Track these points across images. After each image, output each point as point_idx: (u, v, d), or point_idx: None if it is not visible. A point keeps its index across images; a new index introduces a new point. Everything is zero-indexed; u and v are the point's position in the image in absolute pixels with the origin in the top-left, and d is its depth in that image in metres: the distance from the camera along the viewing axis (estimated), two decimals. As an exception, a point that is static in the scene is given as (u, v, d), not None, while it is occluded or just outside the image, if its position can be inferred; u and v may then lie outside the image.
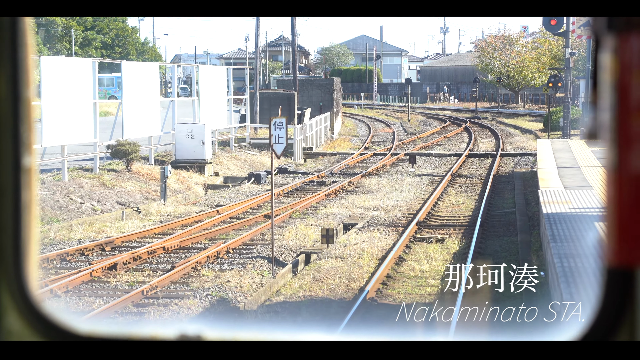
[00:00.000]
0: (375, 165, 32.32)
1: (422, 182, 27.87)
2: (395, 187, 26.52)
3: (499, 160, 34.86)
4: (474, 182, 28.45)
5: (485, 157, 36.60)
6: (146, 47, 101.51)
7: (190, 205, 22.69)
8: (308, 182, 27.62)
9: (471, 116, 71.56)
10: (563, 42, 75.70)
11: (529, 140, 44.51)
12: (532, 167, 31.95)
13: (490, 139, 48.13)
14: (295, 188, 26.26)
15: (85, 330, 2.05)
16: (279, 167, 30.56)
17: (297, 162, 35.22)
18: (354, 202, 22.98)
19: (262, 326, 11.93)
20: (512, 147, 41.54)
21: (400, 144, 43.79)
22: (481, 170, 31.89)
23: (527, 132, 51.46)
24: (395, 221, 20.42)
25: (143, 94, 26.57)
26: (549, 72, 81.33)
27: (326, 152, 38.09)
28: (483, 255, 16.59)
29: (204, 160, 27.68)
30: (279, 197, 24.29)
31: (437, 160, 35.41)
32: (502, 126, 59.96)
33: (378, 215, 21.22)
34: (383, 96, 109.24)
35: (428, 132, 53.24)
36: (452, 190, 26.38)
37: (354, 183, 27.41)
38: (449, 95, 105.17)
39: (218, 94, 31.90)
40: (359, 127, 60.13)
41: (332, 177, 29.31)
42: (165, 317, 12.34)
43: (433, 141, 45.22)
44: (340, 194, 25.18)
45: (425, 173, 30.78)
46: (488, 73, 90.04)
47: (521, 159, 35.53)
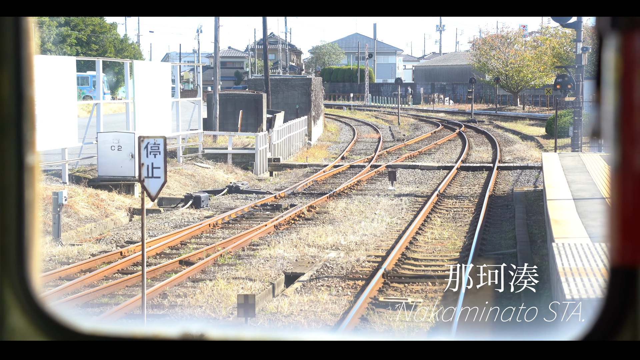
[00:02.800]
0: (349, 181, 27.09)
1: (401, 206, 22.65)
2: (366, 213, 21.29)
3: (496, 175, 29.65)
4: (465, 205, 23.25)
5: (480, 171, 31.37)
6: (125, 44, 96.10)
7: (92, 242, 17.44)
8: (260, 205, 22.38)
9: (466, 119, 66.40)
10: (566, 40, 70.60)
11: (530, 149, 39.28)
12: (535, 185, 26.74)
13: (487, 147, 42.93)
14: (241, 215, 21.02)
15: (88, 329, 2.04)
16: (230, 185, 25.32)
17: (260, 177, 30.00)
18: (307, 238, 17.75)
19: None
20: (511, 157, 36.34)
21: (384, 152, 38.55)
22: (474, 189, 26.68)
23: (528, 139, 46.24)
24: (355, 270, 15.21)
25: (56, 94, 21.29)
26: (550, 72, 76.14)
27: (295, 164, 32.84)
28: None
29: (133, 177, 22.45)
30: (213, 230, 19.04)
31: (423, 175, 30.19)
32: (500, 131, 54.73)
33: (335, 258, 16.01)
34: (375, 97, 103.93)
35: (418, 137, 48.01)
36: (437, 217, 21.16)
37: (316, 207, 22.17)
38: (444, 97, 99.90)
39: (160, 96, 26.60)
40: (342, 132, 54.88)
41: (292, 199, 24.09)
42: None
43: (422, 149, 39.99)
44: (294, 224, 19.96)
45: (406, 192, 25.55)
46: (485, 73, 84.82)
47: (522, 173, 30.33)
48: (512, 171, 31.11)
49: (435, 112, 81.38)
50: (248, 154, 30.45)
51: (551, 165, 21.67)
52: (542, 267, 14.08)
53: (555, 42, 71.56)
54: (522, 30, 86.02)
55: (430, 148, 41.43)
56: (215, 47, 33.01)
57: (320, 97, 51.32)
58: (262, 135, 30.71)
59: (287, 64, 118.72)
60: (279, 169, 32.13)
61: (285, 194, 24.77)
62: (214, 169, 28.57)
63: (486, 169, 31.43)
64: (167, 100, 27.51)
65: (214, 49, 33.55)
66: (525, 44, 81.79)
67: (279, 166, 32.26)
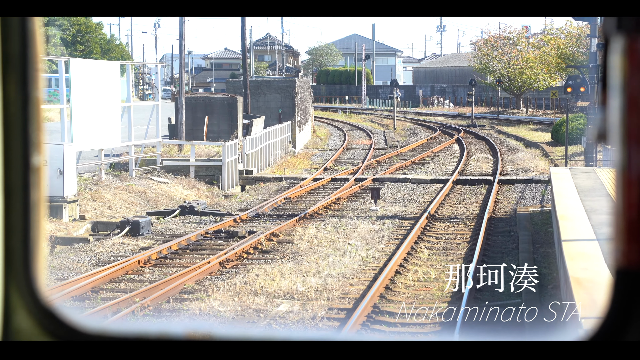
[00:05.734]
0: (326, 199, 23.35)
1: (382, 233, 18.91)
2: (338, 244, 17.55)
3: (496, 190, 25.93)
4: (459, 231, 19.52)
5: (479, 185, 27.64)
6: (112, 44, 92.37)
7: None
8: (213, 232, 18.64)
9: (466, 123, 62.68)
10: (571, 40, 66.75)
11: (535, 158, 35.51)
12: (542, 205, 23.01)
13: (487, 155, 39.19)
14: (185, 246, 17.28)
15: (94, 329, 2.04)
16: (183, 205, 21.58)
17: (227, 192, 26.27)
18: (256, 282, 14.01)
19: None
20: (513, 168, 32.57)
21: (373, 162, 34.78)
22: (471, 208, 22.94)
23: (532, 146, 42.47)
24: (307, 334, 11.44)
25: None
26: (554, 73, 72.29)
27: (271, 177, 29.08)
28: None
29: (62, 197, 18.78)
30: (143, 269, 15.28)
31: (414, 190, 26.46)
32: (502, 136, 50.98)
33: (285, 314, 12.29)
34: (373, 99, 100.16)
35: (412, 144, 44.26)
36: (425, 248, 17.43)
37: (279, 235, 18.44)
38: (444, 99, 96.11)
39: (107, 100, 22.83)
40: (332, 138, 51.12)
41: (254, 222, 20.37)
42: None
43: (415, 158, 36.23)
44: (247, 259, 16.20)
45: (391, 213, 21.80)
46: (487, 75, 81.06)
47: (526, 188, 26.60)
48: (515, 185, 27.39)
49: (434, 115, 77.68)
50: (214, 166, 26.71)
51: (562, 184, 17.92)
52: (555, 325, 10.42)
53: (561, 42, 67.78)
54: (525, 30, 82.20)
55: (425, 157, 37.68)
56: (180, 44, 29.31)
57: (308, 100, 47.56)
58: (230, 145, 26.94)
59: (283, 66, 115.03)
60: (251, 183, 28.41)
61: (248, 215, 21.05)
62: (172, 184, 24.84)
63: (486, 183, 27.71)
64: (117, 105, 23.73)
65: (179, 47, 29.85)
66: (529, 45, 78.00)
67: (251, 179, 28.54)
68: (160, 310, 12.44)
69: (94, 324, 2.05)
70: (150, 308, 12.41)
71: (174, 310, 12.48)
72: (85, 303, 12.86)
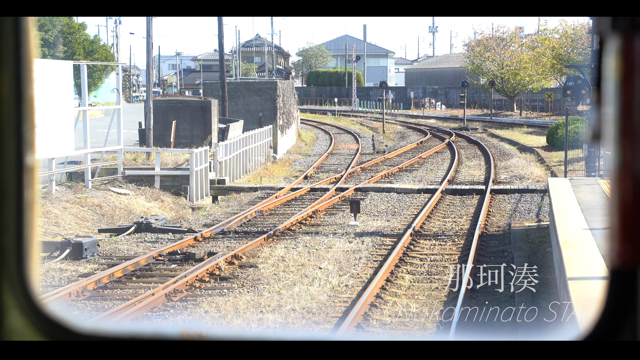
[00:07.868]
0: (302, 212, 21.17)
1: (359, 254, 16.75)
2: (307, 268, 15.36)
3: (489, 201, 23.79)
4: (447, 250, 17.36)
5: (470, 195, 25.50)
6: (96, 45, 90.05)
7: None
8: (167, 254, 16.45)
9: (458, 126, 60.61)
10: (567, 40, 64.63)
11: (530, 165, 33.35)
12: (538, 218, 20.87)
13: (479, 161, 37.07)
14: (132, 271, 15.07)
15: (87, 329, 2.02)
16: (139, 222, 19.37)
17: (196, 204, 24.06)
18: (203, 321, 11.85)
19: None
20: (507, 176, 30.43)
21: (357, 169, 32.61)
22: (461, 222, 20.79)
23: (527, 151, 40.34)
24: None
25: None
26: (549, 74, 70.19)
27: (245, 187, 26.88)
28: None
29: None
30: (75, 303, 13.08)
31: (399, 201, 24.30)
32: (495, 140, 48.88)
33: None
34: (364, 101, 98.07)
35: (401, 149, 42.11)
36: (406, 273, 15.26)
37: (243, 257, 16.24)
38: (436, 101, 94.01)
39: (57, 104, 20.60)
40: (318, 142, 48.95)
41: (217, 241, 18.19)
42: None
43: (403, 164, 34.08)
44: (198, 290, 14.00)
45: (372, 229, 19.63)
46: (479, 76, 79.00)
47: (521, 199, 24.46)
48: (509, 195, 25.26)
49: (426, 118, 75.59)
50: (182, 176, 24.51)
51: (563, 199, 15.77)
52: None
53: (555, 42, 65.73)
54: (519, 30, 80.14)
55: (414, 163, 35.52)
56: (147, 42, 27.13)
57: (292, 102, 45.36)
58: (199, 152, 24.73)
59: (273, 67, 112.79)
60: (224, 193, 26.23)
61: (212, 232, 18.86)
62: (133, 196, 22.63)
63: (477, 193, 25.57)
64: (69, 109, 21.49)
65: (146, 46, 27.63)
66: (522, 45, 75.95)
67: (224, 190, 26.35)
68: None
69: (87, 324, 2.00)
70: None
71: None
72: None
